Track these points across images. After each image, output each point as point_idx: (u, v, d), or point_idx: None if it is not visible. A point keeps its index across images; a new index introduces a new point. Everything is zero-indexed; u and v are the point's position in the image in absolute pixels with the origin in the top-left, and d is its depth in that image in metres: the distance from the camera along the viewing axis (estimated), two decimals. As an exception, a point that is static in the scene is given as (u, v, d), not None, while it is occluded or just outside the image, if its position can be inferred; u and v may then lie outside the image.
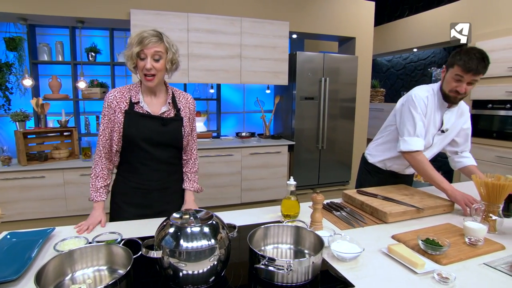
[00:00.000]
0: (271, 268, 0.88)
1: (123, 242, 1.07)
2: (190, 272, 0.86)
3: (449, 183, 1.57)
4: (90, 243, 1.10)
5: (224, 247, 0.90)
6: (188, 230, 0.88)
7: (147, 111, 1.38)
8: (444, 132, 1.71)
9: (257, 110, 4.49)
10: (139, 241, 0.97)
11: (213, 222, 0.94)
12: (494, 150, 3.71)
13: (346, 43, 4.66)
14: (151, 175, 1.44)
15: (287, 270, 0.86)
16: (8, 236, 1.16)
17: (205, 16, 3.53)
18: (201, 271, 0.87)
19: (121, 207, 1.47)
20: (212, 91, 4.25)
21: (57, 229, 1.25)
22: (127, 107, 1.37)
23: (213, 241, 0.88)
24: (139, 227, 1.32)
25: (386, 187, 1.75)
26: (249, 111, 4.56)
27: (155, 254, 0.86)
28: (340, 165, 4.35)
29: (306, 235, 1.09)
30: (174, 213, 0.98)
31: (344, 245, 1.08)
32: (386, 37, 5.64)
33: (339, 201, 1.67)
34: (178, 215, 0.96)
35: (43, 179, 3.01)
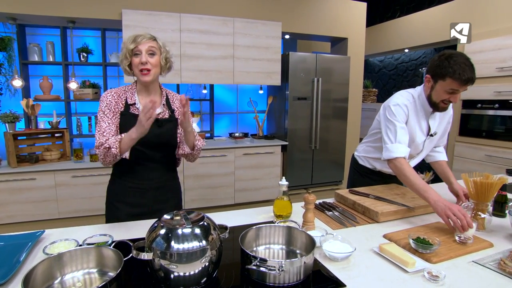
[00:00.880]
0: (262, 268, 0.88)
1: (114, 244, 1.05)
2: (181, 273, 0.86)
3: (434, 191, 1.36)
4: (80, 245, 1.09)
5: (215, 248, 0.90)
6: (179, 231, 0.88)
7: None
8: (433, 136, 1.71)
9: (250, 110, 4.49)
10: (130, 243, 0.97)
11: (204, 223, 0.93)
12: (483, 149, 3.77)
13: (338, 44, 4.69)
14: (147, 175, 1.45)
15: (279, 270, 0.86)
16: (-4, 239, 1.14)
17: (197, 16, 3.52)
18: (192, 272, 0.87)
19: (117, 206, 1.47)
20: (205, 91, 4.23)
21: (47, 231, 1.24)
22: (122, 109, 1.40)
23: (204, 242, 0.88)
24: (131, 228, 1.31)
25: (378, 187, 1.76)
26: (242, 111, 4.56)
27: (146, 256, 0.86)
28: (333, 165, 4.37)
29: (298, 235, 1.09)
30: (165, 214, 0.97)
31: (336, 245, 1.08)
32: (378, 37, 5.69)
33: (332, 201, 1.68)
34: (169, 217, 0.96)
35: (34, 181, 2.97)
